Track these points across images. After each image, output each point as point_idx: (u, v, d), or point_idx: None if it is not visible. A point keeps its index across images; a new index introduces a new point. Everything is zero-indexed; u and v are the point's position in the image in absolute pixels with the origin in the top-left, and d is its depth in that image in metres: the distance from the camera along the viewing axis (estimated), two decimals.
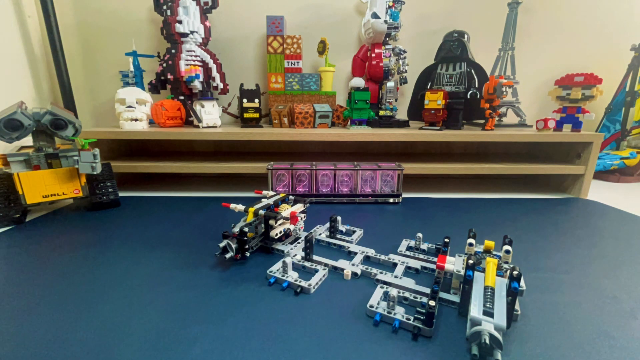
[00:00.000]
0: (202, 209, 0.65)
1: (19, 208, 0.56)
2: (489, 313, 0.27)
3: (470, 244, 0.38)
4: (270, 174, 0.68)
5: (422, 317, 0.31)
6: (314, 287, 0.37)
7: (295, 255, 0.43)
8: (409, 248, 0.48)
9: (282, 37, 0.88)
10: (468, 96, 0.81)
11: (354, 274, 0.40)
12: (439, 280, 0.35)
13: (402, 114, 0.97)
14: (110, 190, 0.64)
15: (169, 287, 0.37)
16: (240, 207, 0.45)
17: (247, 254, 0.41)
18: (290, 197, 0.51)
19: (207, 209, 0.65)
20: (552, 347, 0.28)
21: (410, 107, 0.94)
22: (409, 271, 0.42)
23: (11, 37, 0.82)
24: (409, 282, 0.37)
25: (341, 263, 0.42)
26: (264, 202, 0.48)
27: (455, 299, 0.34)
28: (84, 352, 0.27)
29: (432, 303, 0.30)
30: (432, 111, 0.80)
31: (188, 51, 0.82)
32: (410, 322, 0.30)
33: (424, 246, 0.47)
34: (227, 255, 0.40)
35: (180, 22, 0.78)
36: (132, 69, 0.87)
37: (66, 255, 0.44)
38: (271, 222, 0.44)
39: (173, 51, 0.82)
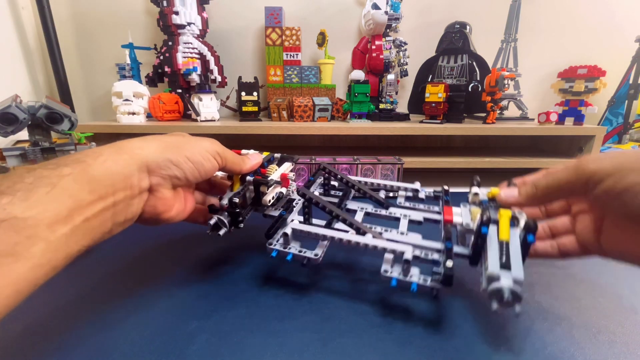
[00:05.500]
0: None
1: None
2: (506, 266, 0.25)
3: (476, 194, 0.34)
4: None
5: (440, 278, 0.28)
6: (321, 257, 0.33)
7: (293, 220, 0.38)
8: (407, 199, 0.44)
9: (281, 28, 0.86)
10: (469, 89, 0.80)
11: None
12: (449, 236, 0.32)
13: (402, 107, 0.96)
14: None
15: (167, 281, 0.37)
16: (221, 174, 0.40)
17: (241, 225, 0.37)
18: (276, 155, 0.45)
19: None
20: (551, 343, 0.28)
21: (410, 100, 0.93)
22: (411, 224, 0.38)
23: (5, 29, 0.81)
24: (416, 238, 0.34)
25: (343, 226, 0.37)
26: None
27: (465, 250, 0.31)
28: (80, 347, 0.27)
29: (449, 264, 0.28)
30: (433, 104, 0.79)
31: (185, 43, 0.81)
32: (428, 284, 0.29)
33: (422, 195, 0.43)
34: (222, 232, 0.35)
35: (177, 13, 0.77)
36: (128, 61, 0.86)
37: None
38: (262, 188, 0.39)
39: (170, 43, 0.80)
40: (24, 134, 0.56)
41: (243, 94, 0.79)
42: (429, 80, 0.87)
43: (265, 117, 0.92)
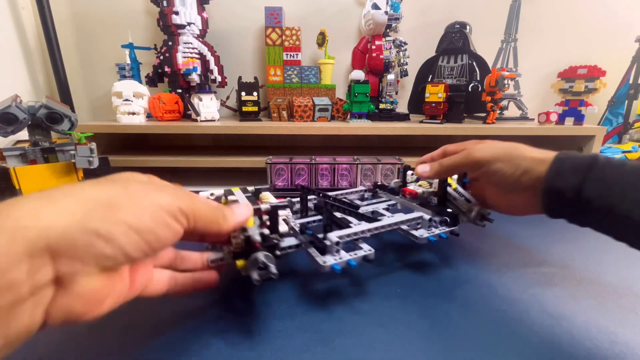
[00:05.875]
0: None
1: None
2: (469, 200, 0.40)
3: (412, 174, 0.48)
4: (269, 168, 0.67)
5: (449, 222, 0.39)
6: (373, 251, 0.34)
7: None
8: (362, 199, 0.54)
9: (281, 28, 0.86)
10: (469, 89, 0.80)
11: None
12: (427, 200, 0.45)
13: (402, 107, 0.97)
14: None
15: None
16: (210, 192, 0.34)
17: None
18: (249, 188, 0.39)
19: None
20: (551, 343, 0.28)
21: (410, 100, 0.93)
22: (391, 210, 0.48)
23: (5, 29, 0.81)
24: (402, 216, 0.40)
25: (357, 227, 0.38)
26: (233, 197, 0.35)
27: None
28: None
29: (449, 210, 0.40)
30: (433, 104, 0.79)
31: (185, 43, 0.81)
32: (447, 229, 0.39)
33: (366, 195, 0.55)
34: (273, 270, 0.27)
35: (177, 13, 0.77)
36: (128, 61, 0.86)
37: None
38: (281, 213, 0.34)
39: (170, 43, 0.80)
40: (24, 134, 0.56)
41: (243, 94, 0.79)
42: (429, 80, 0.87)
43: (265, 117, 0.92)
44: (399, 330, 0.29)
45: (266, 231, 0.30)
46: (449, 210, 0.39)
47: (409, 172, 0.49)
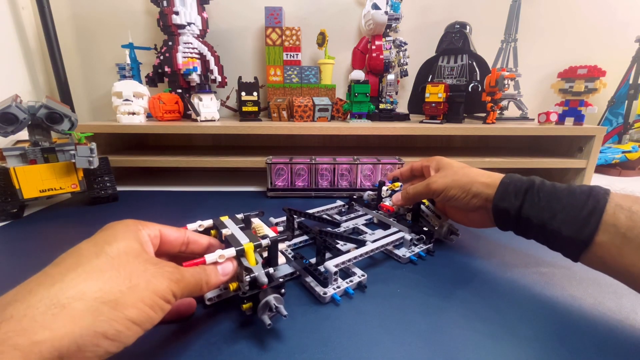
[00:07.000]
0: (201, 203, 0.65)
1: (16, 203, 0.56)
2: (439, 217, 0.46)
3: (387, 189, 0.52)
4: (269, 168, 0.67)
5: (425, 239, 0.44)
6: (365, 275, 0.36)
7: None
8: (340, 213, 0.56)
9: (281, 28, 0.86)
10: (469, 89, 0.80)
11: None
12: (401, 217, 0.48)
13: (402, 107, 0.97)
14: (108, 184, 0.64)
15: None
16: (219, 254, 0.27)
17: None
18: (238, 216, 0.36)
19: (206, 203, 0.64)
20: (551, 344, 0.28)
21: (410, 100, 0.93)
22: (369, 226, 0.50)
23: (5, 29, 0.81)
24: (386, 239, 0.42)
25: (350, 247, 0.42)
26: (228, 231, 0.31)
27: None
28: None
29: (425, 228, 0.44)
30: (433, 104, 0.79)
31: (185, 43, 0.81)
32: (425, 247, 0.43)
33: (342, 209, 0.57)
34: (284, 314, 0.28)
35: (177, 13, 0.77)
36: (128, 61, 0.86)
37: (65, 250, 0.44)
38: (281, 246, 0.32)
39: (170, 43, 0.80)
40: (24, 134, 0.56)
41: (243, 94, 0.79)
42: (429, 80, 0.87)
43: (265, 117, 0.92)
44: (399, 330, 0.29)
45: (271, 270, 0.30)
46: (425, 228, 0.44)
47: (384, 188, 0.52)
